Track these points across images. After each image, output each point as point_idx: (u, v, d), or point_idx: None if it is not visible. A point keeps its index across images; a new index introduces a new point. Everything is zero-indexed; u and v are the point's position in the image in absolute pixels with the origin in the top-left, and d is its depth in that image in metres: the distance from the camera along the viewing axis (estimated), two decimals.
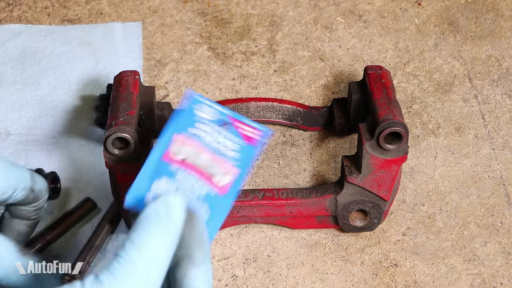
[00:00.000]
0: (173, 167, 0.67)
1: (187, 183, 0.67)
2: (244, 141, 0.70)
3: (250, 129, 0.71)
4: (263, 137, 0.70)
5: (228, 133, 0.70)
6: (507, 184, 0.96)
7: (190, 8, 1.11)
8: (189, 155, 0.68)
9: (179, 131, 0.69)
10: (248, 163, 0.69)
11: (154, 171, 0.67)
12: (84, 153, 0.97)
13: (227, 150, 0.69)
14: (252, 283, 0.88)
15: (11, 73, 1.03)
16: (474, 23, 1.10)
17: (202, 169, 0.67)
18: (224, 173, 0.68)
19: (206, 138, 0.69)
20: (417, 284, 0.88)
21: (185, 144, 0.69)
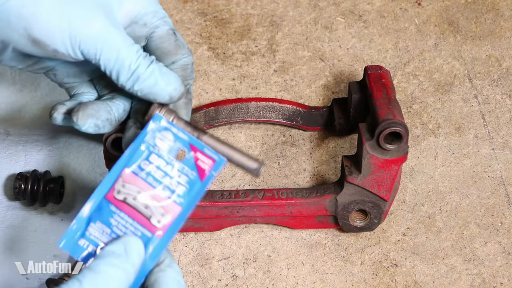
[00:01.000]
0: (111, 208, 0.69)
1: (121, 227, 0.69)
2: (197, 175, 0.70)
3: (207, 160, 0.71)
4: (215, 169, 0.71)
5: (182, 165, 0.71)
6: (507, 184, 0.95)
7: (190, 8, 1.11)
8: (130, 194, 0.69)
9: (129, 165, 0.70)
10: (193, 201, 0.70)
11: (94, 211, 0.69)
12: (84, 153, 0.97)
13: (175, 186, 0.70)
14: (252, 283, 0.88)
15: (11, 74, 1.03)
16: (474, 23, 1.10)
17: (140, 210, 0.69)
18: (163, 213, 0.69)
19: (156, 173, 0.70)
20: (417, 284, 0.88)
21: (130, 181, 0.70)
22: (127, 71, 0.70)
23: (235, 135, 1.00)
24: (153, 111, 0.73)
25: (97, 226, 0.69)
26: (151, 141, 0.71)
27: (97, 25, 0.69)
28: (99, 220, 0.69)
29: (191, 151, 0.71)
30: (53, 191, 0.90)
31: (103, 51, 0.69)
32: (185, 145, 0.71)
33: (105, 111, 0.75)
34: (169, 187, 0.70)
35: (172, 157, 0.71)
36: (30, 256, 0.88)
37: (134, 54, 0.70)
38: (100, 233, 0.69)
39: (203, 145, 0.71)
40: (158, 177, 0.70)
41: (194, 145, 0.71)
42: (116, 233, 0.69)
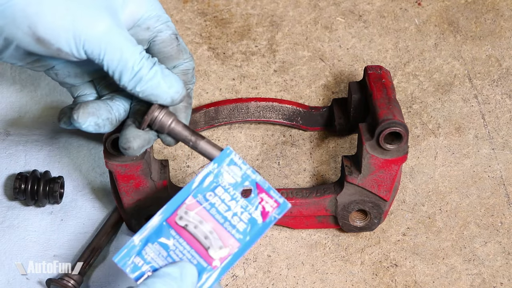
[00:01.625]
0: (171, 232, 0.70)
1: (179, 252, 0.69)
2: (260, 215, 0.71)
3: (271, 202, 0.71)
4: (278, 212, 0.71)
5: (246, 203, 0.71)
6: (507, 184, 0.96)
7: (190, 8, 1.11)
8: (191, 223, 0.70)
9: (195, 195, 0.71)
10: (253, 240, 0.70)
11: (153, 233, 0.70)
12: (84, 153, 0.97)
13: (236, 221, 0.71)
14: (252, 283, 0.88)
15: (11, 73, 1.03)
16: (474, 23, 1.10)
17: (199, 239, 0.70)
18: (221, 246, 0.70)
19: (220, 206, 0.71)
20: (417, 284, 0.88)
21: (193, 209, 0.70)
22: (130, 72, 0.71)
23: (235, 135, 1.00)
24: (153, 112, 0.73)
25: (154, 247, 0.69)
26: (219, 174, 0.72)
27: (102, 25, 0.69)
28: (157, 242, 0.69)
29: (257, 190, 0.71)
30: (53, 191, 0.90)
31: (107, 51, 0.69)
32: (252, 184, 0.72)
33: (106, 110, 0.75)
34: (231, 221, 0.70)
35: (237, 193, 0.71)
36: (30, 256, 0.88)
37: (137, 55, 0.71)
38: (156, 255, 0.69)
39: (270, 187, 0.72)
40: (221, 210, 0.71)
41: (261, 185, 0.72)
42: (172, 257, 0.69)
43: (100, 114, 0.74)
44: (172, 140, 0.76)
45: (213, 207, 0.71)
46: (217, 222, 0.70)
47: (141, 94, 0.72)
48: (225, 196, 0.71)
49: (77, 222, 0.92)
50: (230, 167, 0.72)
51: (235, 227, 0.70)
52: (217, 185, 0.71)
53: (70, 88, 0.80)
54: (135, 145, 0.74)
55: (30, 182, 0.89)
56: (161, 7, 0.78)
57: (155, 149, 0.97)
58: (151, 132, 0.75)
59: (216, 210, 0.71)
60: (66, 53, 0.70)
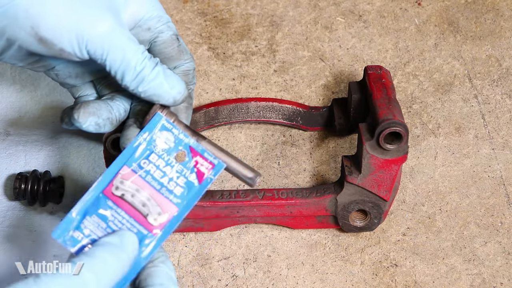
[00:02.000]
0: (108, 203, 0.70)
1: (118, 222, 0.69)
2: (196, 178, 0.71)
3: (206, 164, 0.72)
4: (214, 173, 0.71)
5: (181, 167, 0.71)
6: (507, 184, 0.96)
7: (190, 8, 1.11)
8: (128, 192, 0.70)
9: (129, 163, 0.71)
10: (191, 203, 0.71)
11: (90, 205, 0.70)
12: (84, 153, 0.97)
13: (173, 186, 0.71)
14: (252, 283, 0.88)
15: (11, 73, 1.03)
16: (474, 23, 1.10)
17: (137, 208, 0.70)
18: (160, 212, 0.70)
19: (155, 173, 0.71)
20: (417, 284, 0.88)
21: (129, 178, 0.71)
22: (133, 72, 0.71)
23: (235, 135, 1.00)
24: (154, 112, 0.73)
25: (92, 219, 0.69)
26: (152, 140, 0.71)
27: (104, 25, 0.69)
28: (95, 214, 0.69)
29: (191, 153, 0.71)
30: (53, 191, 0.90)
31: (109, 51, 0.70)
32: (185, 148, 0.72)
33: (106, 110, 0.75)
34: (167, 187, 0.71)
35: (171, 158, 0.71)
36: (30, 256, 0.88)
37: (140, 56, 0.71)
38: (95, 227, 0.69)
39: (204, 149, 0.72)
40: (156, 177, 0.71)
41: (194, 148, 0.72)
42: (111, 228, 0.69)
43: (100, 113, 0.74)
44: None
45: (148, 174, 0.71)
46: (154, 188, 0.70)
47: (143, 94, 0.72)
48: (160, 162, 0.71)
49: None
50: (162, 132, 0.72)
51: (172, 192, 0.70)
52: (151, 152, 0.71)
53: (71, 88, 0.80)
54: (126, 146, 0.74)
55: (30, 182, 0.89)
56: (161, 7, 0.78)
57: None
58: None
59: (152, 177, 0.71)
60: (68, 53, 0.70)
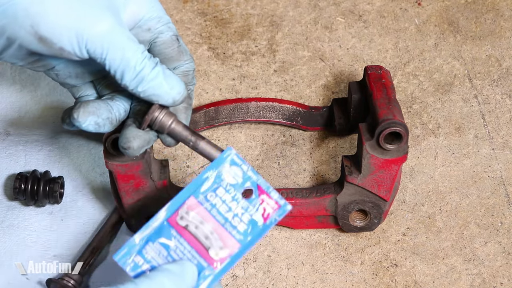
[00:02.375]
0: (172, 232, 0.70)
1: (179, 252, 0.70)
2: (260, 216, 0.71)
3: (272, 203, 0.71)
4: (279, 214, 0.71)
5: (247, 204, 0.71)
6: (507, 184, 0.96)
7: (190, 8, 1.11)
8: (192, 223, 0.70)
9: (196, 195, 0.71)
10: (253, 241, 0.70)
11: (154, 232, 0.70)
12: (84, 153, 0.97)
13: (237, 222, 0.71)
14: (252, 283, 0.88)
15: (11, 73, 1.03)
16: (474, 23, 1.10)
17: (200, 239, 0.70)
18: (222, 247, 0.70)
19: (220, 207, 0.71)
20: (417, 284, 0.88)
21: (194, 209, 0.71)
22: (132, 71, 0.71)
23: (235, 135, 1.00)
24: (153, 112, 0.73)
25: (155, 246, 0.69)
26: (220, 174, 0.72)
27: (104, 25, 0.69)
28: (158, 242, 0.69)
29: (258, 191, 0.71)
30: (53, 191, 0.90)
31: (109, 50, 0.69)
32: (253, 185, 0.72)
33: (106, 110, 0.75)
34: (231, 222, 0.70)
35: (238, 193, 0.71)
36: (30, 256, 0.88)
37: (139, 55, 0.71)
38: (157, 254, 0.69)
39: (271, 188, 0.72)
40: (222, 211, 0.71)
41: (261, 186, 0.72)
42: (172, 257, 0.69)
43: (100, 113, 0.74)
44: (172, 140, 0.76)
45: (214, 207, 0.71)
46: (218, 222, 0.70)
47: (143, 94, 0.72)
48: (226, 196, 0.71)
49: (77, 222, 0.92)
50: (231, 167, 0.72)
51: (235, 228, 0.70)
52: (218, 186, 0.71)
53: (71, 88, 0.80)
54: (135, 145, 0.74)
55: (30, 182, 0.89)
56: (162, 8, 0.78)
57: (155, 149, 0.97)
58: (151, 133, 0.75)
59: (217, 211, 0.71)
60: (68, 52, 0.70)
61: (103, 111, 0.75)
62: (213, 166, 0.72)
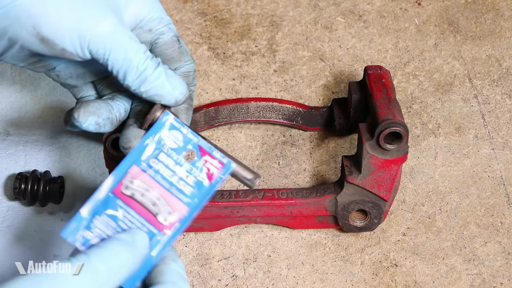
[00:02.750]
0: (118, 202, 0.70)
1: (128, 222, 0.69)
2: (205, 177, 0.71)
3: (216, 163, 0.71)
4: (223, 173, 0.71)
5: (191, 166, 0.71)
6: (507, 184, 0.96)
7: (190, 8, 1.11)
8: (137, 191, 0.70)
9: (138, 163, 0.71)
10: (201, 202, 0.70)
11: (100, 204, 0.70)
12: (83, 153, 0.97)
13: (182, 185, 0.71)
14: (252, 283, 0.88)
15: (11, 73, 1.03)
16: (474, 23, 1.10)
17: (147, 207, 0.70)
18: (170, 212, 0.70)
19: (164, 172, 0.71)
20: (417, 284, 0.88)
21: (138, 177, 0.71)
22: (135, 71, 0.71)
23: (235, 135, 1.00)
24: (155, 112, 0.73)
25: (102, 219, 0.69)
26: (161, 140, 0.72)
27: (107, 25, 0.69)
28: (105, 214, 0.69)
29: (200, 152, 0.71)
30: (53, 191, 0.90)
31: (112, 51, 0.69)
32: (194, 147, 0.71)
33: (107, 110, 0.75)
34: (177, 186, 0.70)
35: (180, 157, 0.71)
36: (30, 256, 0.88)
37: (142, 55, 0.71)
38: (105, 226, 0.69)
39: (213, 148, 0.72)
40: (166, 176, 0.71)
41: (203, 147, 0.72)
42: (121, 227, 0.69)
43: (101, 113, 0.74)
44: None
45: (157, 173, 0.71)
46: (164, 188, 0.70)
47: (145, 94, 0.72)
48: (169, 161, 0.71)
49: None
50: (171, 131, 0.72)
51: (182, 191, 0.70)
52: (160, 151, 0.71)
53: (72, 89, 0.80)
54: (135, 145, 0.74)
55: (30, 182, 0.89)
56: (162, 8, 0.78)
57: None
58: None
59: (161, 176, 0.71)
60: (70, 53, 0.70)
61: (104, 111, 0.75)
62: (152, 132, 0.72)
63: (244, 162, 0.97)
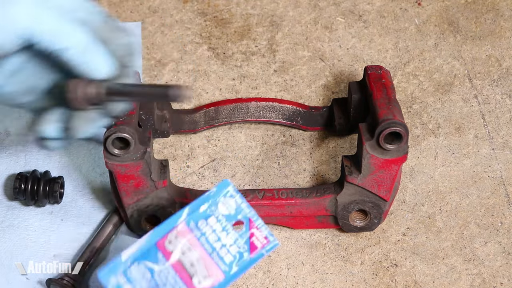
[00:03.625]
0: (159, 255, 0.70)
1: (163, 277, 0.70)
2: (248, 250, 0.72)
3: (262, 238, 0.72)
4: (268, 249, 0.72)
5: (237, 236, 0.72)
6: (507, 184, 0.96)
7: (190, 8, 1.11)
8: (180, 249, 0.70)
9: (188, 221, 0.71)
10: (238, 274, 0.71)
11: (142, 252, 0.70)
12: (84, 153, 0.97)
13: (224, 253, 0.71)
14: (252, 283, 0.88)
15: None
16: (474, 23, 1.10)
17: (185, 266, 0.70)
18: (206, 276, 0.70)
19: (210, 235, 0.71)
20: (417, 284, 0.88)
21: (184, 236, 0.71)
22: (70, 48, 0.70)
23: (235, 135, 1.00)
24: (84, 86, 0.72)
25: (140, 268, 0.69)
26: (214, 204, 0.72)
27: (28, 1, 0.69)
28: (144, 264, 0.70)
29: (249, 224, 0.72)
30: (53, 191, 0.90)
31: (41, 28, 0.69)
32: (244, 218, 0.72)
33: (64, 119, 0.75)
34: (219, 252, 0.71)
35: (229, 225, 0.72)
36: (30, 256, 0.88)
37: (76, 32, 0.70)
38: (141, 276, 0.69)
39: (263, 223, 0.72)
40: (211, 240, 0.71)
41: (253, 220, 0.72)
42: (156, 281, 0.69)
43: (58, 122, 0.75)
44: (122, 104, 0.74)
45: (203, 235, 0.71)
46: (205, 251, 0.71)
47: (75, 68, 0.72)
48: (217, 226, 0.71)
49: (77, 222, 0.92)
50: (226, 198, 0.72)
51: (222, 259, 0.71)
52: (211, 215, 0.72)
53: (26, 109, 0.80)
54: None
55: (30, 182, 0.89)
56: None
57: (155, 149, 0.97)
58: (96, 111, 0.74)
59: (206, 239, 0.71)
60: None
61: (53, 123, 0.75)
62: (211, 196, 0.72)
63: (244, 162, 0.97)
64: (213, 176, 0.95)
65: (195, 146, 0.98)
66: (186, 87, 0.70)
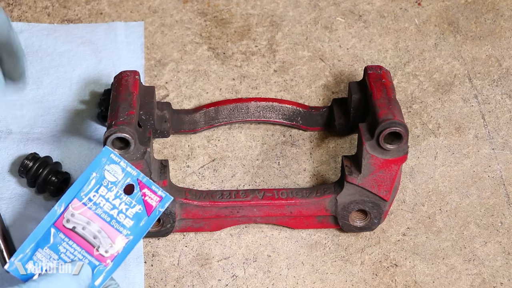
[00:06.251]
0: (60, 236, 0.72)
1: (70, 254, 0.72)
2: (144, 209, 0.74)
3: (154, 196, 0.74)
4: (162, 205, 0.74)
5: (130, 199, 0.74)
6: (507, 184, 0.96)
7: (190, 8, 1.11)
8: (79, 224, 0.73)
9: (80, 197, 0.73)
10: (140, 234, 0.74)
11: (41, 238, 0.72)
12: (84, 153, 0.97)
13: (122, 218, 0.74)
14: (252, 283, 0.88)
15: None
16: (474, 23, 1.10)
17: (89, 240, 0.73)
18: (111, 244, 0.73)
19: (105, 205, 0.74)
20: (417, 284, 0.88)
21: (80, 211, 0.73)
22: None
23: (235, 135, 1.00)
24: None
25: (44, 252, 0.72)
26: (100, 174, 0.74)
27: None
28: (48, 247, 0.72)
29: (139, 186, 0.74)
30: (52, 182, 0.90)
31: None
32: (133, 180, 0.74)
33: None
34: (117, 219, 0.73)
35: (120, 190, 0.74)
36: None
37: None
38: (47, 259, 0.71)
39: (151, 182, 0.74)
40: (106, 209, 0.73)
41: (142, 181, 0.74)
42: (64, 260, 0.71)
43: None
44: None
45: (98, 207, 0.73)
46: (104, 221, 0.73)
47: None
48: (109, 195, 0.74)
49: None
50: (110, 166, 0.74)
51: (122, 224, 0.73)
52: (100, 185, 0.74)
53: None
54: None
55: (37, 164, 0.90)
56: None
57: (155, 149, 0.97)
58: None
59: (102, 210, 0.73)
60: None
61: None
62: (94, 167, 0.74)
63: (244, 162, 0.97)
64: (213, 176, 0.96)
65: (195, 146, 0.98)
66: None
